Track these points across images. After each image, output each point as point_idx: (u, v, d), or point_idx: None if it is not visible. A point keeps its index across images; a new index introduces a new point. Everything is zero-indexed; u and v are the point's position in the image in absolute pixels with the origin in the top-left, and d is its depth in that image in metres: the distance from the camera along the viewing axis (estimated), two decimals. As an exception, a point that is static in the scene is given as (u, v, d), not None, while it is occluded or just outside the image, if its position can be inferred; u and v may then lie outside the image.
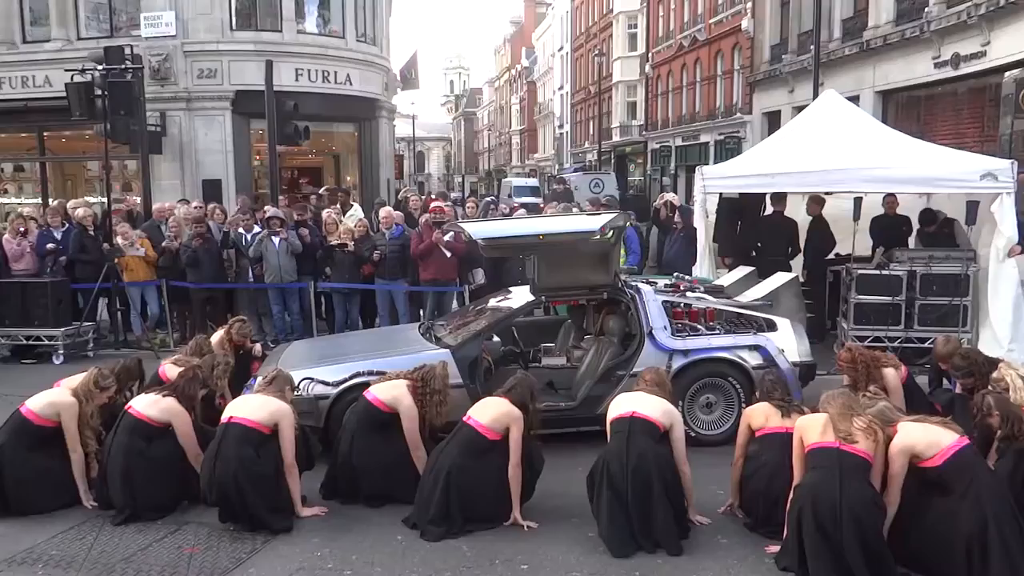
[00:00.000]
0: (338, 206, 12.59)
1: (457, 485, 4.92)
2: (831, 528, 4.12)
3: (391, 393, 5.44)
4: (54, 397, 5.44)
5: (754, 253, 9.95)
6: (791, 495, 4.42)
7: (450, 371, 5.76)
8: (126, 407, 5.36)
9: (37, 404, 5.39)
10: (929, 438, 4.30)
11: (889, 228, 9.61)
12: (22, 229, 10.53)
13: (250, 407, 5.15)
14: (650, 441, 4.82)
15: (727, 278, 8.74)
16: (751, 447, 5.01)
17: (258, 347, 7.53)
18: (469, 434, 5.06)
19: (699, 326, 6.81)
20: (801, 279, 9.25)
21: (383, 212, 10.83)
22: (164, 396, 5.32)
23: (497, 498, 4.99)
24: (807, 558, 4.20)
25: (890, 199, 9.62)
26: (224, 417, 5.14)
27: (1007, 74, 13.90)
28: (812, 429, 4.45)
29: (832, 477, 4.20)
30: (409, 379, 5.51)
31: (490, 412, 5.08)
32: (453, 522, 4.91)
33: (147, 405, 5.28)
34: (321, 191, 13.21)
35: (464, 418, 5.17)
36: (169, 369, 6.08)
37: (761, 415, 5.01)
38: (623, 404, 5.02)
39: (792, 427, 4.67)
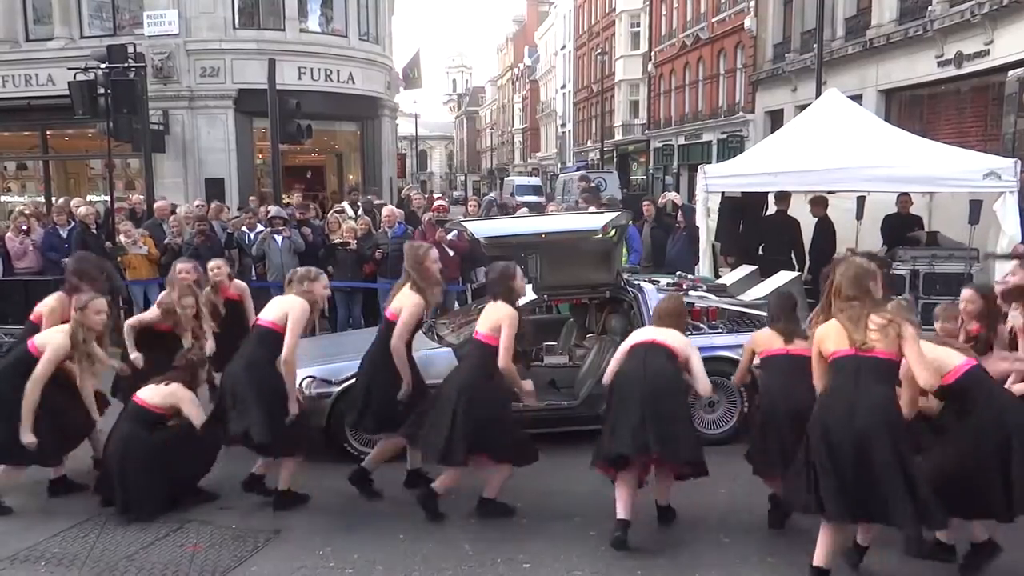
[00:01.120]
0: (345, 204, 12.60)
1: (467, 400, 4.91)
2: (846, 441, 3.93)
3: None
4: (50, 330, 5.42)
5: (760, 252, 9.93)
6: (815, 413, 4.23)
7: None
8: (132, 397, 5.37)
9: (39, 337, 5.38)
10: (943, 355, 4.20)
11: (901, 227, 9.58)
12: (24, 227, 10.53)
13: (270, 309, 5.40)
14: (668, 363, 4.78)
15: (729, 277, 8.74)
16: (761, 377, 5.05)
17: None
18: (477, 347, 5.13)
19: (701, 325, 6.80)
20: (804, 278, 9.23)
21: (385, 211, 10.84)
22: (166, 384, 5.34)
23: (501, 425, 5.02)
24: (822, 477, 4.01)
25: (904, 198, 9.55)
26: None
27: (1010, 73, 13.87)
28: (829, 338, 4.21)
29: (849, 383, 4.03)
30: None
31: (486, 318, 5.14)
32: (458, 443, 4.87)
33: (151, 394, 5.30)
34: (331, 213, 12.97)
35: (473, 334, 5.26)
36: (163, 298, 6.17)
37: (765, 340, 5.01)
38: (641, 334, 5.04)
39: (795, 350, 4.72)
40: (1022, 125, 13.72)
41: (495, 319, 5.06)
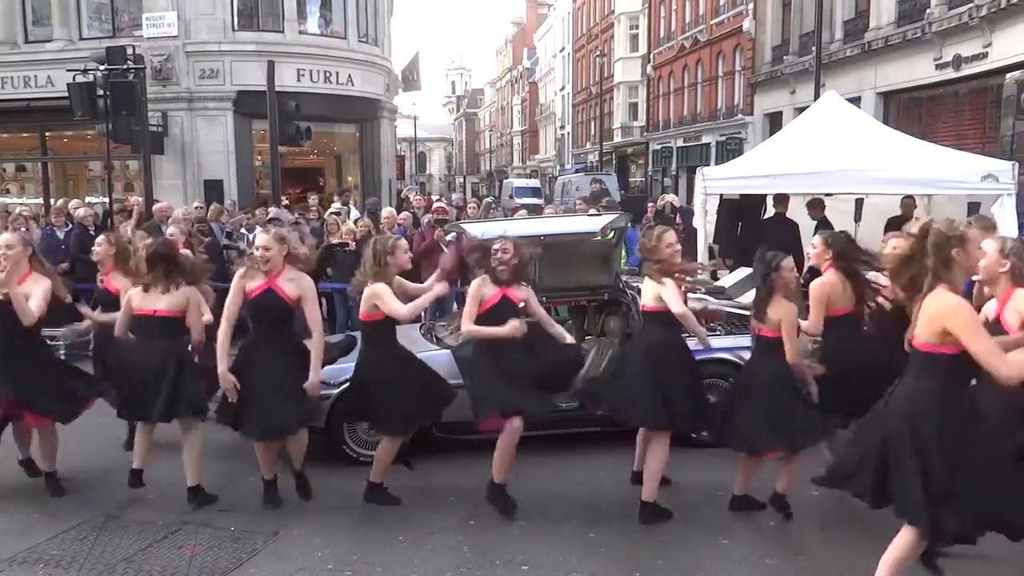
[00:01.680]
0: (337, 204, 12.61)
1: None
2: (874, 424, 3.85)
3: None
4: None
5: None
6: None
7: (451, 371, 5.77)
8: (142, 313, 5.29)
9: None
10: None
11: (906, 230, 9.57)
12: (23, 229, 10.52)
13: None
14: (661, 332, 5.06)
15: (728, 279, 8.74)
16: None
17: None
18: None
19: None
20: (804, 279, 9.22)
21: (385, 212, 10.85)
22: (163, 290, 5.24)
23: None
24: None
25: (908, 201, 9.52)
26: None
27: (1008, 75, 13.90)
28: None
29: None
30: None
31: None
32: None
33: (158, 303, 5.25)
34: (329, 215, 12.91)
35: None
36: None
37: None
38: (645, 294, 5.22)
39: (763, 331, 4.97)
40: (1020, 127, 13.74)
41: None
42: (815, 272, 9.79)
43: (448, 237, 9.48)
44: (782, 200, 9.97)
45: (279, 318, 5.14)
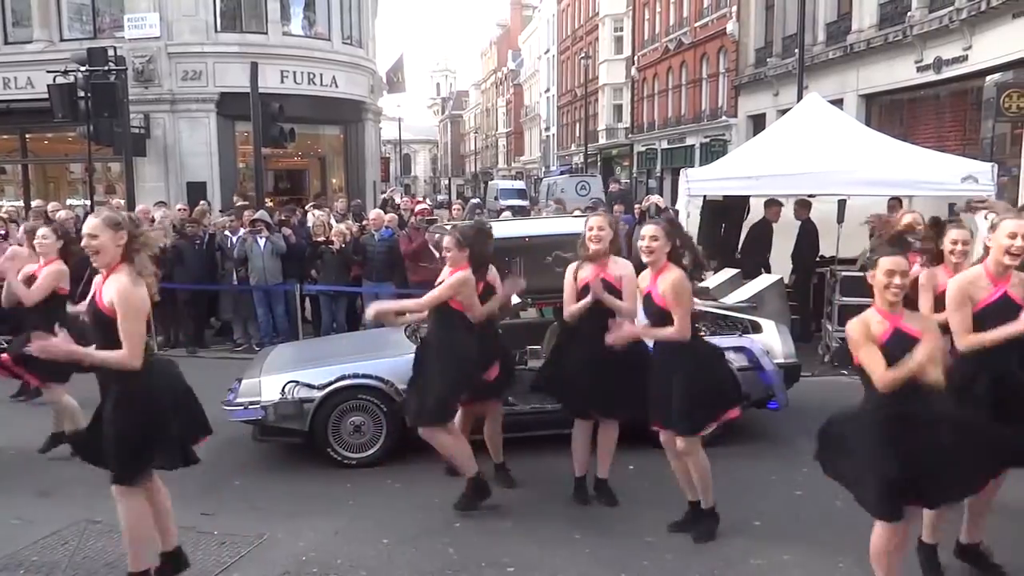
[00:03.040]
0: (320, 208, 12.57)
1: None
2: None
3: None
4: None
5: (738, 255, 9.97)
6: None
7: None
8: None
9: None
10: None
11: (893, 232, 9.61)
12: (3, 232, 10.42)
13: None
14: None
15: (712, 280, 8.78)
16: None
17: None
18: None
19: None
20: (790, 280, 9.29)
21: (373, 214, 10.85)
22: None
23: None
24: None
25: (894, 203, 9.56)
26: None
27: (988, 78, 14.05)
28: None
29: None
30: None
31: None
32: None
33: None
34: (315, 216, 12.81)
35: None
36: None
37: None
38: None
39: None
40: (1000, 130, 13.90)
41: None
42: (801, 272, 9.87)
43: (436, 238, 9.49)
44: (772, 207, 9.98)
45: (100, 335, 3.84)
